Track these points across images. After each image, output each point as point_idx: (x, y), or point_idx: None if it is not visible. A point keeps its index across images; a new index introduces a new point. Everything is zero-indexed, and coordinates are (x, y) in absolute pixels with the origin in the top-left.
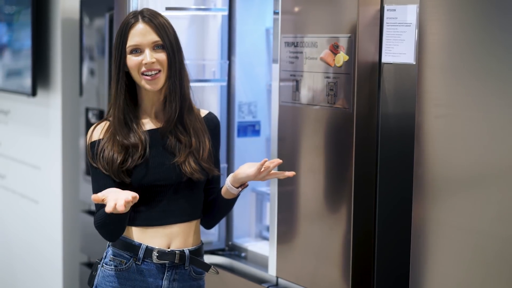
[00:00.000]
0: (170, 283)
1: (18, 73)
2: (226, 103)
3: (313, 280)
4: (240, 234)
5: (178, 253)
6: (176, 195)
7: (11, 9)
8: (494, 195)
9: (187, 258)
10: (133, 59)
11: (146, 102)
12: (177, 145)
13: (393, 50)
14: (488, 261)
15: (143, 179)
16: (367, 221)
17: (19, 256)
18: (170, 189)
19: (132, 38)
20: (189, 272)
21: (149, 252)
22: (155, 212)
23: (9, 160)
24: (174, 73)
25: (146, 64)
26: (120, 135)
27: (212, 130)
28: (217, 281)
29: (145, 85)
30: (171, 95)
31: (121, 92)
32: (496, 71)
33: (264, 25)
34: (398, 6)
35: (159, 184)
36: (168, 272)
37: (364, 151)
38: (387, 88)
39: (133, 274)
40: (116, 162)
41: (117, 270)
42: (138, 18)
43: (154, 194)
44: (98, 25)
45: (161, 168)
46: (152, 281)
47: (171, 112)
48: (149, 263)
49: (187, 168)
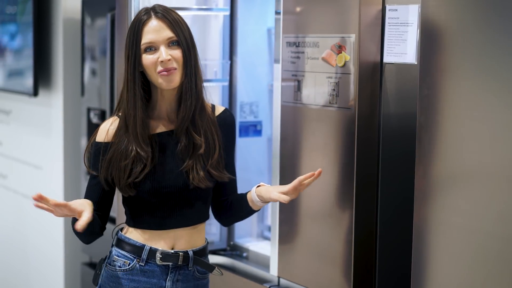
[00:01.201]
0: (174, 283)
1: (20, 73)
2: (227, 103)
3: (314, 280)
4: (241, 234)
5: (181, 254)
6: (182, 202)
7: (13, 9)
8: (496, 195)
9: (191, 259)
10: (149, 58)
11: (160, 102)
12: (186, 149)
13: (395, 50)
14: (490, 261)
15: (149, 186)
16: (368, 221)
17: (20, 256)
18: (176, 196)
19: (146, 36)
20: (193, 272)
21: (152, 254)
22: (159, 217)
23: (10, 160)
24: (190, 71)
25: (162, 62)
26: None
27: (225, 130)
28: (219, 281)
29: (162, 84)
30: (187, 93)
31: (139, 93)
32: (497, 71)
33: (265, 25)
34: (399, 6)
35: (165, 191)
36: (172, 273)
37: (365, 151)
38: (389, 88)
39: (136, 275)
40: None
41: (120, 270)
42: (151, 14)
43: (159, 200)
44: (99, 25)
45: (168, 175)
46: (155, 282)
47: (186, 110)
48: (153, 264)
49: (195, 177)
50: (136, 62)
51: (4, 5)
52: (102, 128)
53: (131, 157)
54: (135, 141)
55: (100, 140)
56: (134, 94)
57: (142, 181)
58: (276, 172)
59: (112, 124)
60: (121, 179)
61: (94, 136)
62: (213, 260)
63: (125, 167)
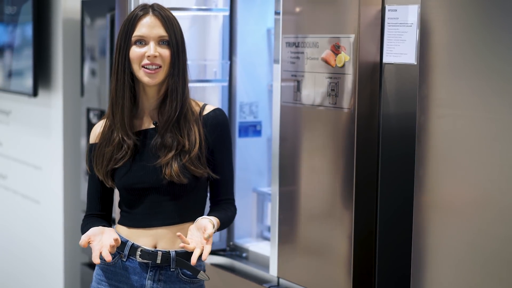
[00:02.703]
0: (155, 283)
1: (20, 73)
2: (227, 103)
3: (314, 280)
4: (241, 234)
5: (161, 254)
6: (159, 198)
7: (13, 10)
8: (496, 196)
9: (173, 259)
10: (136, 51)
11: (144, 99)
12: (164, 146)
13: (394, 50)
14: (489, 262)
15: (123, 182)
16: (368, 221)
17: (20, 256)
18: (151, 191)
19: (139, 29)
20: (177, 274)
21: (133, 250)
22: (139, 215)
23: (10, 160)
24: (177, 72)
25: (149, 56)
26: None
27: (212, 128)
28: (218, 281)
29: (143, 78)
30: (173, 94)
31: (128, 83)
32: (497, 70)
33: (265, 25)
34: (399, 7)
35: (139, 187)
36: (151, 272)
37: (365, 152)
38: (389, 88)
39: (119, 270)
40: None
41: (105, 264)
42: (148, 10)
43: (136, 197)
44: (99, 25)
45: (141, 171)
46: (136, 279)
47: (171, 111)
48: (134, 260)
49: (168, 171)
50: (126, 52)
51: (4, 5)
52: (93, 130)
53: (116, 143)
54: (121, 129)
55: (92, 141)
56: (123, 83)
57: (118, 175)
58: (276, 172)
59: (102, 126)
60: (102, 166)
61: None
62: (212, 260)
63: (107, 153)
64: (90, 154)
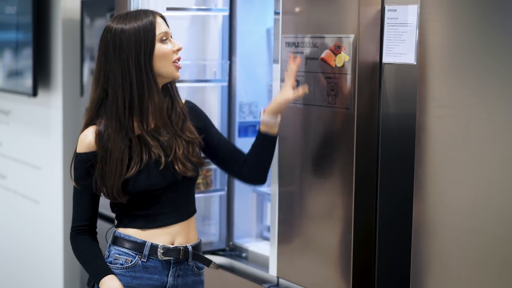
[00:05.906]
0: (175, 279)
1: (19, 73)
2: (227, 103)
3: (313, 280)
4: (241, 234)
5: (182, 249)
6: (174, 195)
7: (12, 10)
8: (495, 195)
9: (190, 253)
10: (165, 47)
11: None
12: (167, 144)
13: (394, 51)
14: (489, 261)
15: (139, 187)
16: (368, 221)
17: (20, 256)
18: (166, 191)
19: (160, 27)
20: (191, 267)
21: (154, 249)
22: (154, 215)
23: (10, 160)
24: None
25: (178, 49)
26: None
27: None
28: (218, 281)
29: (175, 73)
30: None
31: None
32: (497, 71)
33: (265, 25)
34: (399, 7)
35: (156, 188)
36: (174, 268)
37: (365, 151)
38: (388, 88)
39: (139, 272)
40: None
41: (123, 268)
42: (154, 12)
43: (151, 199)
44: (99, 25)
45: (155, 172)
46: (157, 278)
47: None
48: (155, 260)
49: (181, 167)
50: (151, 52)
51: (4, 5)
52: (83, 138)
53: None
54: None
55: (83, 151)
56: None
57: (132, 181)
58: (276, 172)
59: (92, 133)
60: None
61: (75, 147)
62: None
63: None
64: (81, 164)
